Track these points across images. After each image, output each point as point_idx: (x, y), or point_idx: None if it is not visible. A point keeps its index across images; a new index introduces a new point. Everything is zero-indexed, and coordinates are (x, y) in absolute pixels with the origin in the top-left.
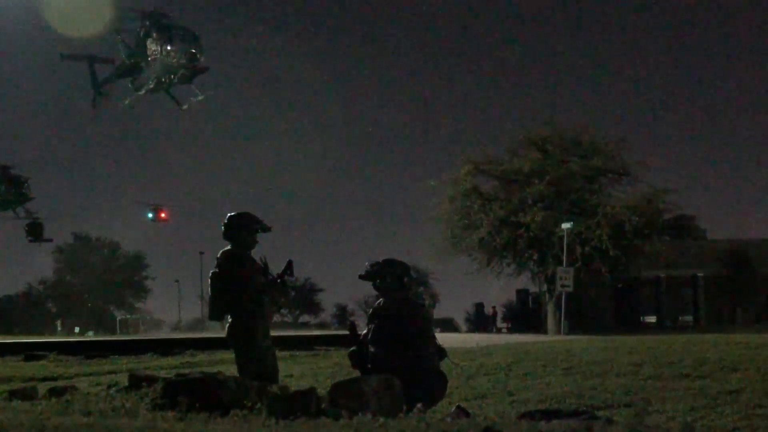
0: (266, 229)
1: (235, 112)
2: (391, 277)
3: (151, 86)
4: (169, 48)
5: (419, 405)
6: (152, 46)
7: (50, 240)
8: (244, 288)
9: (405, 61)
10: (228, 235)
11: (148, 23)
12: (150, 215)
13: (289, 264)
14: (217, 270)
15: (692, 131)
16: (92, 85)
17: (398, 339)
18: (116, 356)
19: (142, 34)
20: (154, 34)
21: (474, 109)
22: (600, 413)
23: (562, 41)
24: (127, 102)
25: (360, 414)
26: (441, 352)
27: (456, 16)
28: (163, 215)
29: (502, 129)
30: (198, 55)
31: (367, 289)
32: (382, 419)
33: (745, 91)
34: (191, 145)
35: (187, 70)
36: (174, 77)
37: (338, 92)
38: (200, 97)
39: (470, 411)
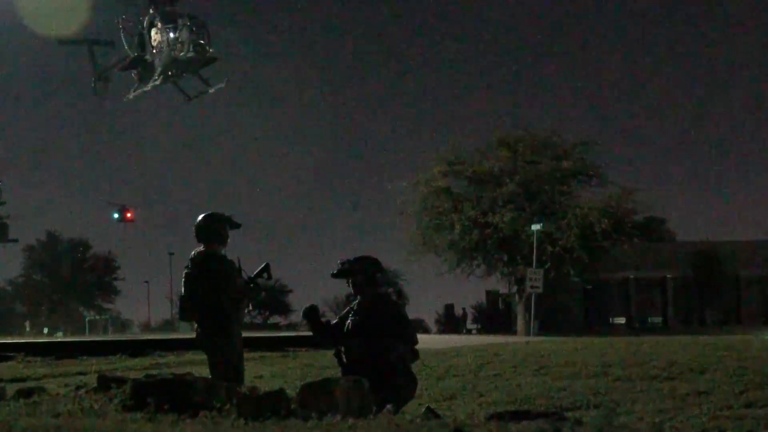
0: (236, 226)
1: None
2: (364, 274)
3: (158, 81)
4: (175, 37)
5: (388, 406)
6: (157, 36)
7: (15, 240)
8: (224, 289)
9: (376, 61)
10: (204, 235)
11: (152, 11)
12: (116, 215)
13: (267, 267)
14: (194, 270)
15: (662, 134)
16: (93, 70)
17: (373, 333)
18: (85, 357)
19: (146, 23)
20: (159, 24)
21: (445, 109)
22: (569, 414)
23: (532, 43)
24: (131, 95)
25: (329, 415)
26: (414, 354)
27: (428, 17)
28: (129, 215)
29: (473, 130)
30: (207, 45)
31: (338, 289)
32: (351, 420)
33: (712, 94)
34: (161, 146)
35: (195, 61)
36: (181, 69)
37: (307, 91)
38: (213, 90)
39: (440, 412)
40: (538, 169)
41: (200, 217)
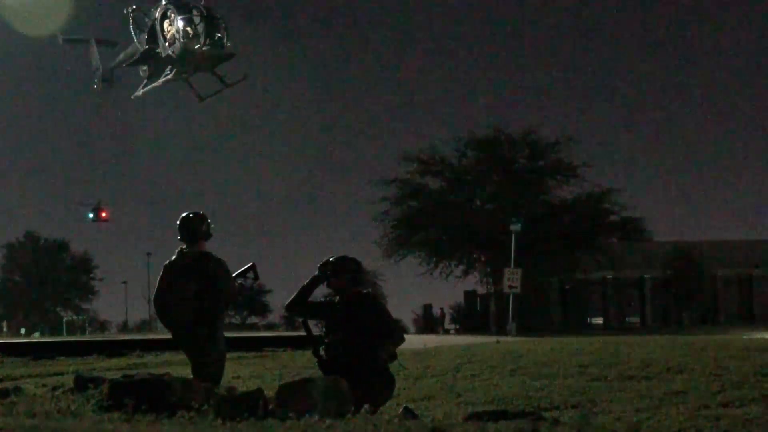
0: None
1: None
2: (345, 275)
3: (169, 75)
4: (189, 30)
5: (366, 406)
6: (171, 28)
7: None
8: (219, 290)
9: (354, 60)
10: (194, 234)
11: (165, 1)
12: (90, 215)
13: (253, 267)
14: (186, 270)
15: (639, 134)
16: (95, 70)
17: (355, 331)
18: (62, 357)
19: (158, 14)
20: (172, 15)
21: (422, 108)
22: (547, 414)
23: (510, 41)
24: (139, 92)
25: (307, 415)
26: (392, 355)
27: (402, 15)
28: (104, 215)
29: (450, 129)
30: (224, 40)
31: (317, 289)
32: (329, 420)
33: (690, 94)
34: (138, 146)
35: (211, 57)
36: (196, 65)
37: (284, 91)
38: (230, 86)
39: (417, 412)
40: (514, 168)
41: (188, 215)
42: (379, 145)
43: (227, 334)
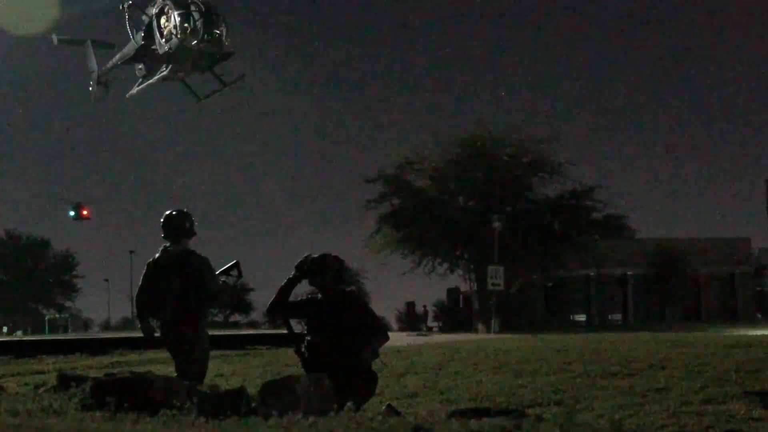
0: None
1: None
2: (328, 273)
3: (165, 72)
4: (187, 26)
5: (349, 404)
6: (168, 24)
7: None
8: (203, 288)
9: (337, 58)
10: (178, 232)
11: None
12: (72, 213)
13: (237, 264)
14: (170, 267)
15: (622, 132)
16: (91, 71)
17: (338, 330)
18: (45, 356)
19: (155, 10)
20: (170, 11)
21: (406, 106)
22: (530, 411)
23: (492, 39)
24: (134, 91)
25: (290, 413)
26: (374, 353)
27: (387, 13)
28: (85, 212)
29: (434, 126)
30: (223, 38)
31: (299, 287)
32: (312, 418)
33: (670, 90)
34: (120, 143)
35: (208, 55)
36: (193, 63)
37: (268, 87)
38: (229, 87)
39: (400, 410)
40: (497, 166)
41: (172, 213)
42: (364, 145)
43: (210, 332)
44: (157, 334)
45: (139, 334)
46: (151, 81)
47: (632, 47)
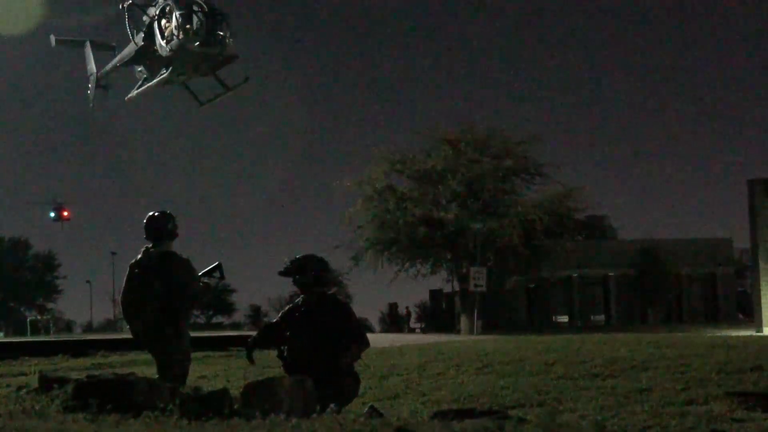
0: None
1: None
2: (311, 273)
3: (165, 75)
4: (189, 27)
5: (332, 405)
6: (169, 25)
7: None
8: (183, 289)
9: (320, 58)
10: (159, 233)
11: None
12: (52, 214)
13: (219, 266)
14: (151, 269)
15: (604, 133)
16: (90, 74)
17: (318, 333)
18: (27, 357)
19: (156, 11)
20: (171, 11)
21: (388, 107)
22: (512, 412)
23: (476, 40)
24: (134, 93)
25: (273, 414)
26: (354, 357)
27: (371, 13)
28: (65, 214)
29: (416, 128)
30: (227, 40)
31: (281, 288)
32: (294, 419)
33: (653, 91)
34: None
35: (211, 58)
36: (195, 66)
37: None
38: (232, 92)
39: (383, 411)
40: (480, 167)
41: (155, 214)
42: (346, 144)
43: (192, 334)
44: None
45: (121, 336)
46: (151, 84)
47: (615, 49)
